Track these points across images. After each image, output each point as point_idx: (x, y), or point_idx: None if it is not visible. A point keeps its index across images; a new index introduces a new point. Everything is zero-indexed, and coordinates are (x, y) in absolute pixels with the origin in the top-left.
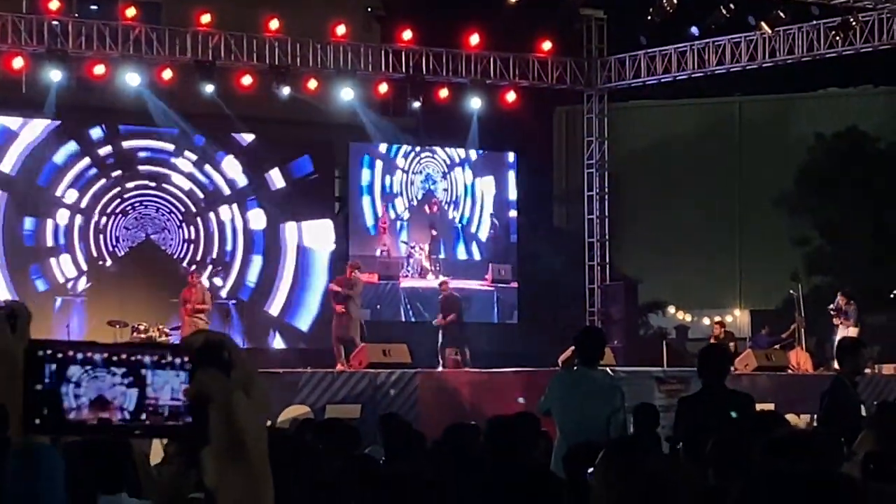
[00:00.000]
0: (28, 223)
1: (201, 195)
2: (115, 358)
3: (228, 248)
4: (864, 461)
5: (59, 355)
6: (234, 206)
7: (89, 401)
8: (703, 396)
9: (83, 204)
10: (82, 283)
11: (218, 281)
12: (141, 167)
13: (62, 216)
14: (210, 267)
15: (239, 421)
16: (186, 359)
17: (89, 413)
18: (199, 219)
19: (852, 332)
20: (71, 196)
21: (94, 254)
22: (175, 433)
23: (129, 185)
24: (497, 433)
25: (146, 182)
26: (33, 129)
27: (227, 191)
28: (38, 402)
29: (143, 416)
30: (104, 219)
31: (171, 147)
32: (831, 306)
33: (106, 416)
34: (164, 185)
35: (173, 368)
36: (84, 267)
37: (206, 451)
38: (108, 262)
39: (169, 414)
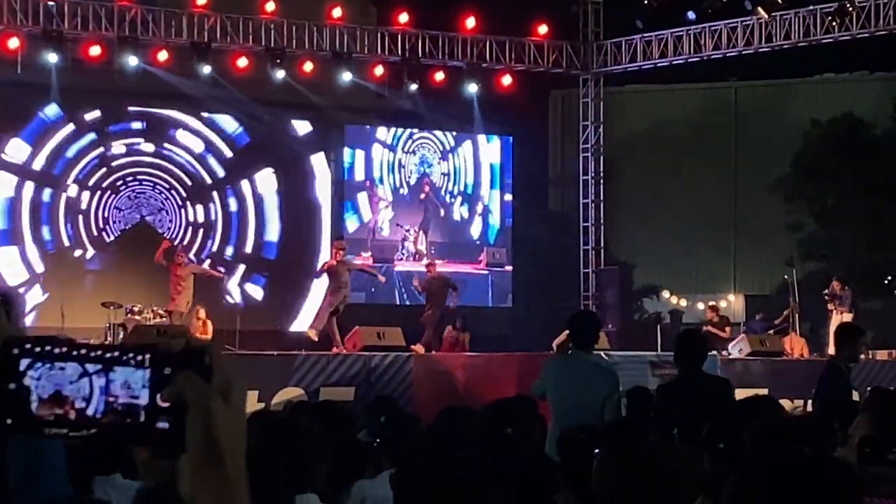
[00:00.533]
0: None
1: (196, 178)
2: (77, 353)
3: (220, 233)
4: (859, 445)
5: (37, 349)
6: (227, 189)
7: (46, 396)
8: (681, 383)
9: (78, 185)
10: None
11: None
12: (137, 149)
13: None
14: (208, 261)
15: (216, 427)
16: (149, 356)
17: (45, 409)
18: (192, 201)
19: (846, 318)
20: (67, 177)
21: (89, 235)
22: (150, 438)
23: (123, 165)
24: (493, 416)
25: (141, 164)
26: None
27: (220, 173)
28: (10, 401)
29: (101, 413)
30: (98, 200)
31: (167, 129)
32: (826, 292)
33: (61, 412)
34: (160, 167)
35: (136, 366)
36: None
37: (183, 457)
38: (103, 244)
39: (126, 411)
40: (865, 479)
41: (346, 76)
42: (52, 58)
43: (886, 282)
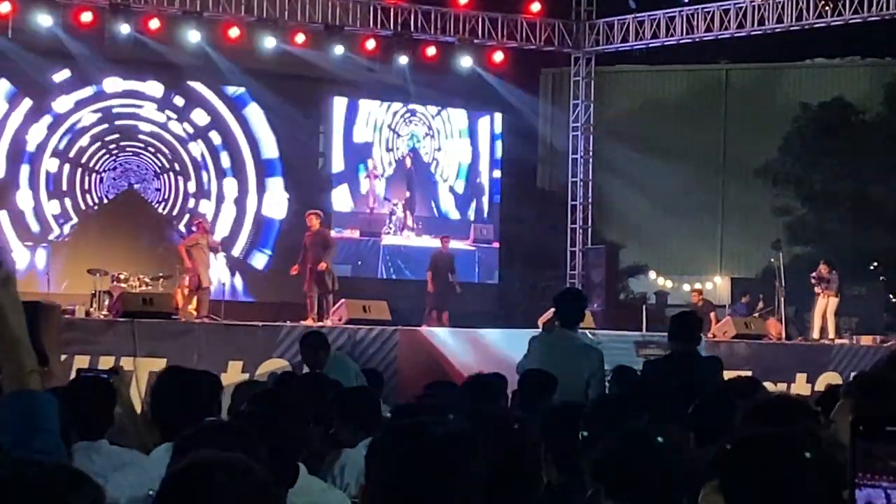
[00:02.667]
0: (24, 170)
1: (184, 146)
2: None
3: (208, 201)
4: (853, 423)
5: None
6: (214, 159)
7: None
8: (673, 361)
9: (71, 153)
10: (66, 230)
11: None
12: (125, 118)
13: (52, 164)
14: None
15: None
16: None
17: None
18: (176, 170)
19: (833, 302)
20: (57, 144)
21: (76, 202)
22: None
23: (111, 133)
24: (476, 389)
25: (129, 132)
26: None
27: (205, 144)
28: None
29: None
30: (85, 167)
31: (157, 98)
32: (813, 275)
33: None
34: (149, 136)
35: None
36: (71, 215)
37: None
38: (90, 211)
39: None
40: (859, 456)
41: (338, 49)
42: (45, 20)
43: (872, 267)
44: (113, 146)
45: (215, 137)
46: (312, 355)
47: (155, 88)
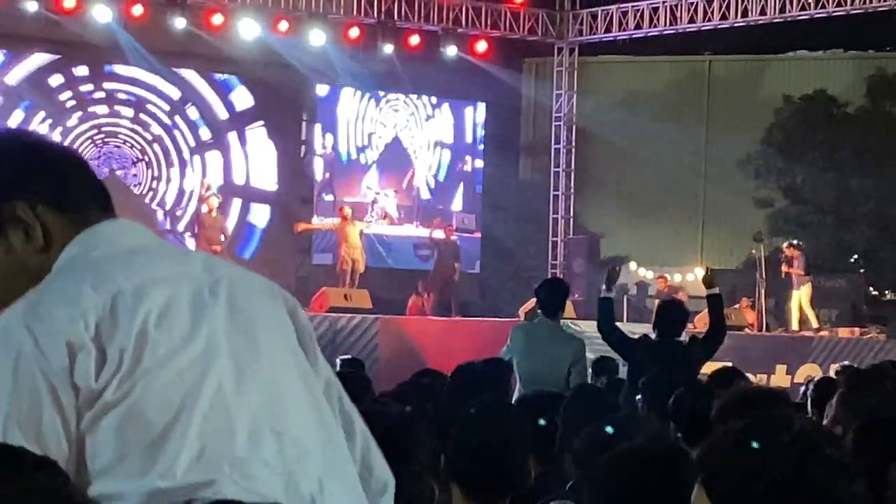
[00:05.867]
0: None
1: (170, 133)
2: None
3: (189, 188)
4: (859, 431)
5: None
6: (199, 147)
7: None
8: (658, 351)
9: (55, 139)
10: None
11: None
12: (107, 103)
13: None
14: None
15: None
16: None
17: None
18: (159, 157)
19: (805, 290)
20: (38, 129)
21: None
22: None
23: (92, 120)
24: (462, 377)
25: (111, 119)
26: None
27: (191, 131)
28: None
29: None
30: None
31: (140, 86)
32: (781, 257)
33: None
34: (131, 123)
35: None
36: None
37: None
38: None
39: None
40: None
41: (321, 37)
42: (31, 6)
43: (853, 260)
44: (95, 132)
45: (195, 117)
46: None
47: (138, 74)
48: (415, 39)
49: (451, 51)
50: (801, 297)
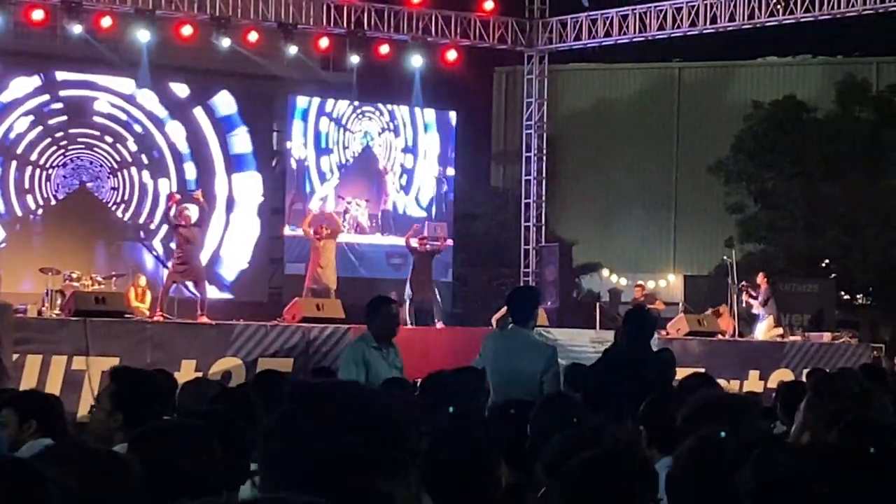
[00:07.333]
0: None
1: (138, 145)
2: None
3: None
4: (846, 429)
5: None
6: (171, 158)
7: None
8: (625, 355)
9: (18, 150)
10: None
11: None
12: (78, 116)
13: None
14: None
15: None
16: None
17: None
18: (132, 169)
19: (769, 322)
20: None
21: (26, 201)
22: None
23: (62, 131)
24: (433, 386)
25: (82, 130)
26: None
27: (164, 142)
28: None
29: None
30: (35, 165)
31: (109, 96)
32: (746, 284)
33: None
34: (102, 135)
35: None
36: (18, 213)
37: None
38: (41, 209)
39: None
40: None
41: (292, 48)
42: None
43: (824, 265)
44: (65, 142)
45: (176, 134)
46: None
47: (105, 86)
48: (384, 49)
49: (420, 60)
50: (764, 329)
